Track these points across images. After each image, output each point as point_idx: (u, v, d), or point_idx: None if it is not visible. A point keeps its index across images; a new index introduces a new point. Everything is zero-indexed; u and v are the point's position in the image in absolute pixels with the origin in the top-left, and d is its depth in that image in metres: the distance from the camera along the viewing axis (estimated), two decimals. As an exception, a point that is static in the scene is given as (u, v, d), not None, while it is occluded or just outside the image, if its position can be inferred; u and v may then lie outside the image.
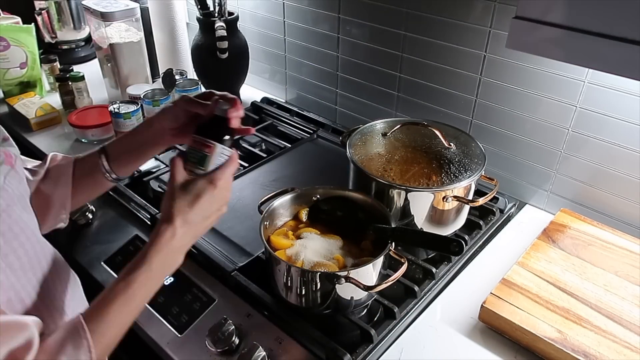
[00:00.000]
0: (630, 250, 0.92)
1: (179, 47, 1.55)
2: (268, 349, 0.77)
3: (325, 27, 1.31)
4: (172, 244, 0.63)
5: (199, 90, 1.38)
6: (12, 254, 0.59)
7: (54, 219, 0.78)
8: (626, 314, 0.79)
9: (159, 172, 1.15)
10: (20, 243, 0.61)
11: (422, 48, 1.13)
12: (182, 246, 0.65)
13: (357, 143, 0.97)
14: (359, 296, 0.77)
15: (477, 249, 0.98)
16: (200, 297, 0.87)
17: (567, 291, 0.83)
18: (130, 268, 0.62)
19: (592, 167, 0.98)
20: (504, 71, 1.02)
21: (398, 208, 0.89)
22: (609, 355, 0.73)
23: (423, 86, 1.17)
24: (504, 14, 0.97)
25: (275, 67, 1.52)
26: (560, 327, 0.77)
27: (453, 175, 0.90)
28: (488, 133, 1.10)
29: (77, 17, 1.69)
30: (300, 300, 0.77)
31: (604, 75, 0.89)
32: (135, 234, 1.00)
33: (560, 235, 0.95)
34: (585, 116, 0.95)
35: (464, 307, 0.86)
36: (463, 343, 0.81)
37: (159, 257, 0.62)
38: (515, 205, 1.09)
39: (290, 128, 1.38)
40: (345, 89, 1.36)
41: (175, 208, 0.64)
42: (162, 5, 1.49)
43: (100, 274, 0.94)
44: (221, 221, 1.01)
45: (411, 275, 0.90)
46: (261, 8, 1.45)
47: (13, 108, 1.43)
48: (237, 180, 1.15)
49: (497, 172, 1.10)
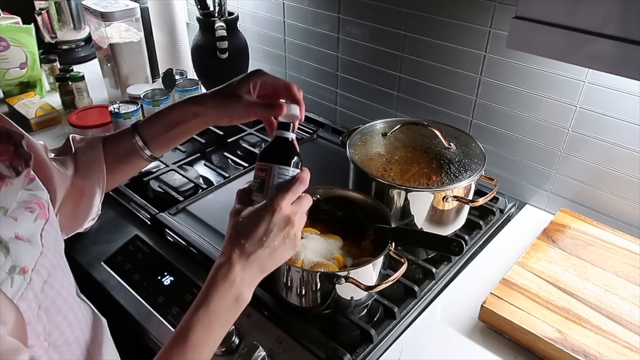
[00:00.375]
0: (630, 250, 0.92)
1: (179, 47, 1.55)
2: (268, 349, 0.76)
3: (325, 27, 1.31)
4: (230, 280, 0.58)
5: (199, 91, 1.38)
6: (56, 330, 0.52)
7: (84, 217, 0.74)
8: (626, 314, 0.79)
9: (159, 172, 1.16)
10: (64, 316, 0.54)
11: (422, 48, 1.13)
12: (244, 281, 0.59)
13: (357, 143, 0.97)
14: (359, 296, 0.77)
15: (477, 249, 0.98)
16: (200, 297, 0.87)
17: (567, 291, 0.83)
18: (190, 311, 0.57)
19: (592, 167, 0.98)
20: (504, 71, 1.02)
21: (398, 208, 0.89)
22: (609, 355, 0.73)
23: (423, 86, 1.17)
24: (504, 14, 0.97)
25: (275, 67, 1.52)
26: (560, 327, 0.77)
27: (453, 175, 0.90)
28: (488, 133, 1.10)
29: (77, 17, 1.69)
30: (300, 300, 0.77)
31: (604, 75, 0.89)
32: (135, 234, 1.00)
33: (560, 235, 0.95)
34: (585, 116, 0.95)
35: (464, 307, 0.86)
36: (463, 343, 0.81)
37: (217, 296, 0.57)
38: (515, 205, 1.09)
39: (290, 128, 1.38)
40: (345, 89, 1.36)
41: (229, 241, 0.59)
42: (162, 5, 1.48)
43: (100, 274, 0.94)
44: (221, 221, 1.02)
45: (411, 275, 0.90)
46: (261, 8, 1.45)
47: (13, 108, 1.43)
48: (237, 180, 1.15)
49: (497, 172, 1.10)
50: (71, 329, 0.55)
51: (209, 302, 0.57)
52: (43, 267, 0.52)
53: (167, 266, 0.93)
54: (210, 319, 0.57)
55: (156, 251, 0.96)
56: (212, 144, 1.30)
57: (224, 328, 0.59)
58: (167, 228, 0.99)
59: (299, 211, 0.62)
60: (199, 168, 1.22)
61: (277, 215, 0.60)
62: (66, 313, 0.55)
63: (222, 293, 0.58)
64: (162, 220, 1.00)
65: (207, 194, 1.11)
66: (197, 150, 1.27)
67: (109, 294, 0.90)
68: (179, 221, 1.01)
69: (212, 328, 0.57)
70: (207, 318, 0.57)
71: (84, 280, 0.78)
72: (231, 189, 1.13)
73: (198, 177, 1.17)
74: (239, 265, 0.59)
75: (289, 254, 0.63)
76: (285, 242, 0.61)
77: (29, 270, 0.49)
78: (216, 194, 1.11)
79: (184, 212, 1.05)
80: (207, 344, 0.57)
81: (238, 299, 0.59)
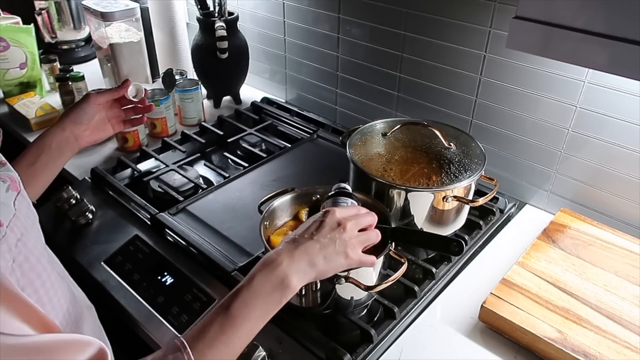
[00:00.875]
0: (630, 250, 0.92)
1: (179, 47, 1.55)
2: (268, 349, 0.76)
3: (325, 27, 1.31)
4: (277, 263, 0.61)
5: (199, 91, 1.38)
6: (29, 287, 0.56)
7: None
8: (626, 314, 0.79)
9: (159, 172, 1.16)
10: (37, 274, 0.57)
11: (422, 48, 1.13)
12: (290, 265, 0.61)
13: (357, 143, 0.98)
14: (359, 296, 0.77)
15: (477, 249, 0.98)
16: (200, 297, 0.87)
17: (567, 291, 0.83)
18: (233, 291, 0.60)
19: (592, 167, 0.98)
20: (504, 71, 1.02)
21: (398, 208, 0.89)
22: (609, 355, 0.73)
23: (423, 86, 1.17)
24: (504, 14, 0.97)
25: (275, 67, 1.52)
26: (560, 327, 0.77)
27: (453, 175, 0.90)
28: (488, 133, 1.10)
29: (77, 17, 1.69)
30: (300, 300, 0.77)
31: (604, 75, 0.89)
32: (135, 234, 1.00)
33: (560, 235, 0.95)
34: (585, 116, 0.95)
35: (464, 307, 0.86)
36: (463, 343, 0.81)
37: (261, 275, 0.60)
38: (515, 205, 1.09)
39: (290, 128, 1.38)
40: (345, 89, 1.36)
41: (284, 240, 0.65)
42: (162, 5, 1.49)
43: (100, 274, 0.94)
44: (221, 221, 1.02)
45: (411, 275, 0.90)
46: (261, 8, 1.45)
47: (13, 108, 1.43)
48: (237, 180, 1.15)
49: (497, 172, 1.10)
50: (45, 289, 0.58)
51: (252, 280, 0.60)
52: (17, 226, 0.56)
53: (167, 266, 0.93)
54: (251, 295, 0.59)
55: (156, 251, 0.96)
56: (212, 144, 1.31)
57: (264, 308, 0.60)
58: (167, 228, 0.99)
59: (353, 220, 0.67)
60: (199, 168, 1.22)
61: (330, 217, 0.66)
62: (39, 272, 0.58)
63: (265, 273, 0.60)
64: (162, 220, 1.00)
65: (207, 194, 1.11)
66: (197, 150, 1.27)
67: (109, 294, 0.90)
68: (179, 221, 1.01)
69: (252, 303, 0.59)
70: (249, 293, 0.59)
71: (84, 280, 0.78)
72: (231, 189, 1.13)
73: (198, 177, 1.17)
74: (287, 252, 0.62)
75: (340, 259, 0.65)
76: (336, 243, 0.64)
77: (3, 225, 0.53)
78: (216, 194, 1.11)
79: (184, 212, 1.06)
80: (247, 318, 0.59)
81: (283, 281, 0.61)
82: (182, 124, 1.41)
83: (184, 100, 1.37)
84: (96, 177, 1.15)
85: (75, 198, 1.05)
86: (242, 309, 0.59)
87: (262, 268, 0.61)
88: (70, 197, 1.04)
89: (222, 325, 0.57)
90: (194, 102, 1.38)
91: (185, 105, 1.38)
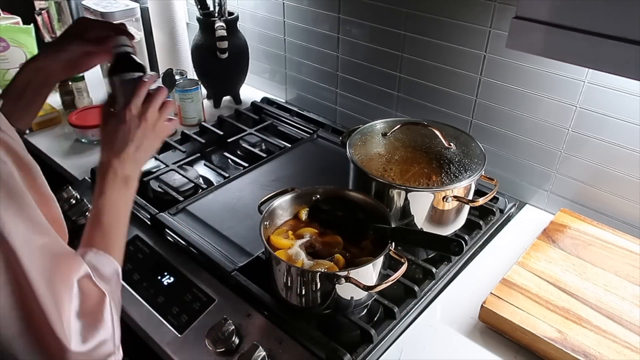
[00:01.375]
0: (630, 250, 0.92)
1: (179, 47, 1.55)
2: (268, 349, 0.76)
3: (325, 27, 1.31)
4: (113, 173, 0.70)
5: (199, 91, 1.38)
6: None
7: None
8: (626, 314, 0.79)
9: (159, 172, 1.15)
10: None
11: (422, 48, 1.13)
12: (125, 169, 0.72)
13: (357, 143, 0.98)
14: (359, 296, 0.77)
15: (477, 249, 0.98)
16: (200, 297, 0.87)
17: (567, 291, 0.83)
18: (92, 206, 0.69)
19: (592, 167, 0.98)
20: (504, 71, 1.02)
21: (398, 208, 0.89)
22: (609, 355, 0.73)
23: (423, 86, 1.17)
24: (504, 14, 0.97)
25: (275, 67, 1.52)
26: (560, 327, 0.77)
27: (453, 175, 0.90)
28: (488, 133, 1.10)
29: (77, 17, 1.69)
30: (300, 300, 0.77)
31: (604, 75, 0.89)
32: (135, 234, 1.00)
33: (560, 235, 0.95)
34: (585, 116, 0.95)
35: (464, 307, 0.86)
36: (463, 343, 0.81)
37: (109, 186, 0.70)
38: (515, 205, 1.09)
39: (290, 128, 1.38)
40: (345, 89, 1.36)
41: (102, 150, 0.72)
42: (162, 5, 1.49)
43: (100, 274, 0.94)
44: (221, 221, 1.02)
45: (411, 275, 0.90)
46: (261, 8, 1.45)
47: (13, 108, 1.42)
48: (237, 180, 1.15)
49: (497, 172, 1.10)
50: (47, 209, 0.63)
51: (104, 192, 0.69)
52: None
53: (167, 266, 0.93)
54: (111, 203, 0.69)
55: (156, 251, 0.96)
56: (212, 144, 1.31)
57: (126, 208, 0.72)
58: (167, 228, 0.99)
59: (149, 108, 0.74)
60: (199, 168, 1.22)
61: (129, 118, 0.73)
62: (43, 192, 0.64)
63: (110, 182, 0.70)
64: (162, 220, 1.00)
65: (207, 194, 1.11)
66: (197, 150, 1.27)
67: (109, 294, 0.90)
68: (179, 221, 1.01)
69: (115, 207, 0.70)
70: (109, 202, 0.69)
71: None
72: (231, 189, 1.13)
73: (198, 177, 1.17)
74: (116, 163, 0.71)
75: (155, 143, 0.76)
76: (147, 135, 0.74)
77: None
78: (216, 194, 1.11)
79: (184, 212, 1.06)
80: (117, 224, 0.69)
81: (127, 180, 0.72)
82: (182, 124, 1.41)
83: (184, 100, 1.37)
84: (96, 177, 1.14)
85: (75, 198, 1.05)
86: (113, 220, 0.69)
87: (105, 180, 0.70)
88: (70, 197, 1.04)
89: (103, 237, 0.67)
90: (194, 102, 1.38)
91: (185, 105, 1.38)
